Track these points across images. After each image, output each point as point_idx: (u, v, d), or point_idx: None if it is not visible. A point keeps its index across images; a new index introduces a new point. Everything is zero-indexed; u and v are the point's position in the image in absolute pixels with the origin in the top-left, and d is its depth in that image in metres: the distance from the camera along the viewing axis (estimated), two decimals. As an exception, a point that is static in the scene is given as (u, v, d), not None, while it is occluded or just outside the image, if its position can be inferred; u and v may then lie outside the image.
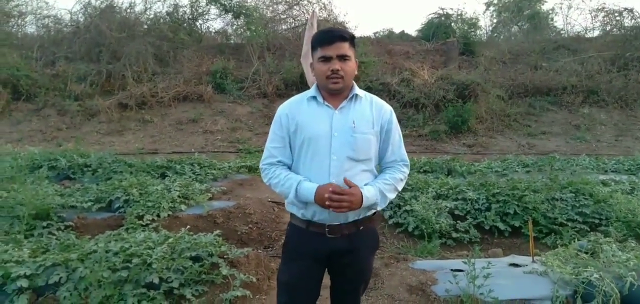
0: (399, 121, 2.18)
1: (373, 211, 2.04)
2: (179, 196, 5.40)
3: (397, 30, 21.29)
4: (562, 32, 19.82)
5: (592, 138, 12.60)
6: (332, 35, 1.92)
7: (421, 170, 7.98)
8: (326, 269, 2.10)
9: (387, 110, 2.08)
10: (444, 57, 17.13)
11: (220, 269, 3.21)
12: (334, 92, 1.96)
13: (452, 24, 19.33)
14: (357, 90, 2.02)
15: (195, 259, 3.24)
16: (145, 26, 16.22)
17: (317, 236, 1.95)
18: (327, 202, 1.81)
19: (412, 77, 14.76)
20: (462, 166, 8.23)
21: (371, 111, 2.02)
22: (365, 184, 1.94)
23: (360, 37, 18.94)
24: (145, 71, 14.46)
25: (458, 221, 5.15)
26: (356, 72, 2.00)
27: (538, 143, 12.28)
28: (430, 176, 7.23)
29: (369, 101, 2.05)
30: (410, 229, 5.01)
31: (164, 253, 3.13)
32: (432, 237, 4.81)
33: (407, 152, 2.17)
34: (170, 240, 3.38)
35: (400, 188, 2.08)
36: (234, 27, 18.19)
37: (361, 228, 1.99)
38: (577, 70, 15.31)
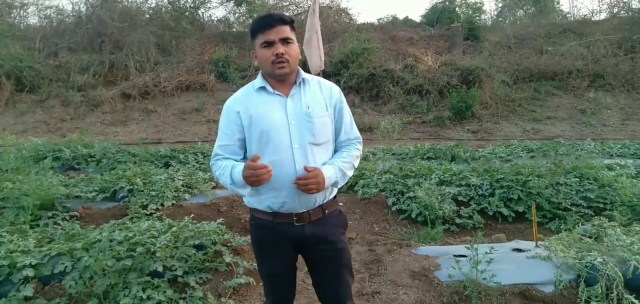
0: (403, 108, 2.18)
1: (335, 193, 2.05)
2: (182, 185, 5.42)
3: (401, 17, 21.14)
4: (568, 15, 19.66)
5: (598, 122, 12.51)
6: (271, 18, 1.86)
7: (425, 156, 7.95)
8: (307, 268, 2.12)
9: (336, 91, 2.04)
10: (448, 43, 16.99)
11: (223, 256, 3.22)
12: (281, 78, 1.90)
13: (457, 8, 19.16)
14: (304, 74, 1.98)
15: (199, 247, 3.26)
16: (147, 15, 16.21)
17: (284, 225, 1.94)
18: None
19: (415, 63, 14.68)
20: (466, 152, 8.19)
21: (322, 94, 1.98)
22: (323, 164, 1.93)
23: (364, 23, 18.83)
24: (148, 61, 14.47)
25: (462, 207, 5.14)
26: (300, 56, 1.96)
27: (543, 128, 12.21)
28: (433, 163, 7.21)
29: (317, 84, 2.01)
30: (413, 216, 5.00)
31: (167, 242, 3.15)
32: (436, 223, 4.81)
33: (411, 139, 2.17)
34: (174, 229, 3.40)
35: (357, 164, 2.08)
36: (236, 15, 18.16)
37: (326, 211, 1.99)
38: (583, 54, 15.16)
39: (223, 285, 3.07)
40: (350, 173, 2.02)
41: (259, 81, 1.94)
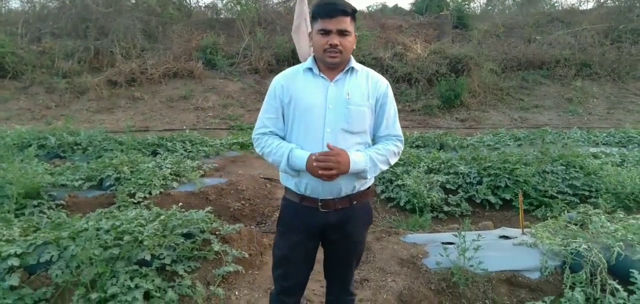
0: (392, 96, 2.14)
1: (367, 186, 2.04)
2: (170, 174, 5.38)
3: (390, 4, 21.08)
4: (556, 4, 19.73)
5: (584, 111, 12.66)
6: (334, 8, 1.86)
7: (413, 145, 8.00)
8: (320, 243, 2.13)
9: (383, 84, 2.04)
10: (438, 31, 16.99)
11: (212, 245, 3.21)
12: (331, 66, 1.94)
13: (446, -4, 19.11)
14: (354, 63, 1.99)
15: (187, 235, 3.24)
16: (133, 1, 15.87)
17: (310, 210, 1.96)
18: (314, 164, 1.80)
19: (405, 51, 14.66)
20: (454, 140, 8.25)
21: (367, 84, 1.99)
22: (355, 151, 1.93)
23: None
24: (134, 47, 14.20)
25: (450, 195, 5.19)
26: (354, 47, 1.96)
27: (530, 117, 12.32)
28: (422, 151, 7.25)
29: (365, 74, 2.02)
30: (402, 204, 5.04)
31: (155, 230, 3.12)
32: (424, 211, 4.85)
33: (400, 127, 2.14)
34: (162, 217, 3.37)
35: (392, 162, 2.06)
36: (224, 2, 17.88)
37: (354, 202, 1.99)
38: (570, 43, 15.28)
39: (212, 273, 3.07)
40: (383, 167, 2.00)
41: (308, 62, 2.00)
